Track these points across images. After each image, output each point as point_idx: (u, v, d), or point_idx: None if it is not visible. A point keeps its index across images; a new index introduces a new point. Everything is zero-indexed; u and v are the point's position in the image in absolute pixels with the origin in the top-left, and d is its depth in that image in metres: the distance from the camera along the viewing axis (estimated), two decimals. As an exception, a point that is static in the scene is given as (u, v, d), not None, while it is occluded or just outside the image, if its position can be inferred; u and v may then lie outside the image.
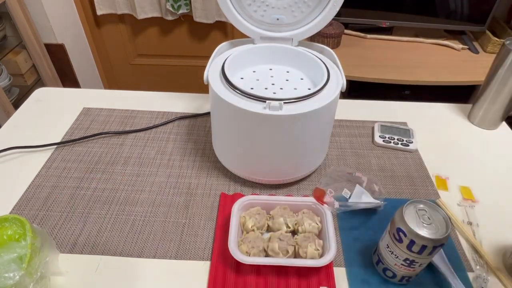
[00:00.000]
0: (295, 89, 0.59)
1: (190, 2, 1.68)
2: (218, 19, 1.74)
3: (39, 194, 0.63)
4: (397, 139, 0.74)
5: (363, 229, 0.58)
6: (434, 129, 0.79)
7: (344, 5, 0.57)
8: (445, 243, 0.44)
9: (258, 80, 0.61)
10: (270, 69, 0.64)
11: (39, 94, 0.87)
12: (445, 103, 0.87)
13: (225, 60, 0.59)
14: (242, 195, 0.61)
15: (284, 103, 0.51)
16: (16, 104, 1.51)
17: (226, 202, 0.61)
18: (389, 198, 0.64)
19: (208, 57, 0.61)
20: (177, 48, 1.96)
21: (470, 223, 0.59)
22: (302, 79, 0.62)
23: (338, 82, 0.58)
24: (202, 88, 0.66)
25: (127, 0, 1.73)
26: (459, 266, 0.53)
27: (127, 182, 0.65)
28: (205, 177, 0.67)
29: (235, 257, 0.49)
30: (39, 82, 1.71)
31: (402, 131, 0.76)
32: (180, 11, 1.71)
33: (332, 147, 0.74)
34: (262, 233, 0.55)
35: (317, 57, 0.62)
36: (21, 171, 0.67)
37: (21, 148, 0.70)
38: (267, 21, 0.62)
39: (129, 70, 2.08)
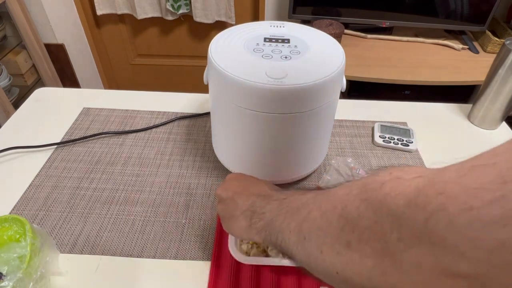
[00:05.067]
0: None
1: (190, 2, 1.68)
2: (218, 19, 1.75)
3: (39, 194, 0.63)
4: (397, 139, 0.74)
5: (363, 229, 0.58)
6: (434, 129, 0.79)
7: (344, 5, 0.56)
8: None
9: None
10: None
11: (39, 94, 0.87)
12: (445, 103, 0.87)
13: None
14: (242, 195, 0.61)
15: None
16: (16, 104, 1.51)
17: (226, 202, 0.61)
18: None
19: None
20: (177, 48, 1.96)
21: (470, 223, 0.59)
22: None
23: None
24: (202, 88, 0.66)
25: (127, 0, 1.73)
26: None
27: (127, 182, 0.65)
28: (205, 177, 0.67)
29: (235, 257, 0.49)
30: (39, 82, 1.71)
31: (402, 131, 0.76)
32: (180, 11, 1.71)
33: (332, 147, 0.74)
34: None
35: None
36: (21, 171, 0.67)
37: (21, 148, 0.70)
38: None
39: (129, 70, 2.09)
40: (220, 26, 1.79)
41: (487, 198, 0.17)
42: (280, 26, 0.63)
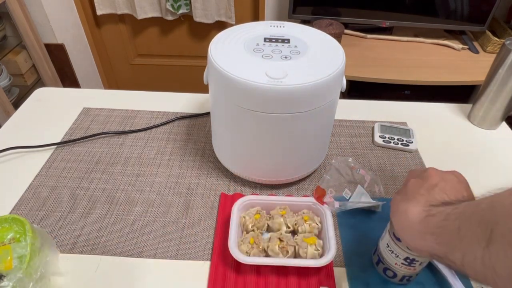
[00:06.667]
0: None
1: (190, 2, 1.68)
2: (218, 19, 1.75)
3: (39, 194, 0.63)
4: (397, 139, 0.74)
5: (363, 229, 0.58)
6: (434, 129, 0.79)
7: (344, 5, 0.56)
8: (445, 243, 0.43)
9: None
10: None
11: (39, 94, 0.87)
12: (445, 103, 0.87)
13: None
14: (242, 195, 0.61)
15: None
16: (16, 104, 1.51)
17: (226, 202, 0.61)
18: (389, 198, 0.64)
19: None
20: (177, 48, 1.96)
21: (470, 223, 0.59)
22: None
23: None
24: (202, 88, 0.66)
25: (127, 0, 1.73)
26: (459, 266, 0.53)
27: (127, 182, 0.65)
28: (205, 177, 0.67)
29: (235, 257, 0.49)
30: (39, 82, 1.71)
31: (402, 131, 0.76)
32: (180, 11, 1.71)
33: (332, 147, 0.74)
34: (262, 233, 0.55)
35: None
36: (21, 171, 0.67)
37: (21, 148, 0.70)
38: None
39: (129, 70, 2.09)
40: (220, 26, 1.79)
41: None
42: (280, 26, 0.63)
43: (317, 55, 0.55)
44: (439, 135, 0.78)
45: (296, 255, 0.52)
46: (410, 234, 0.36)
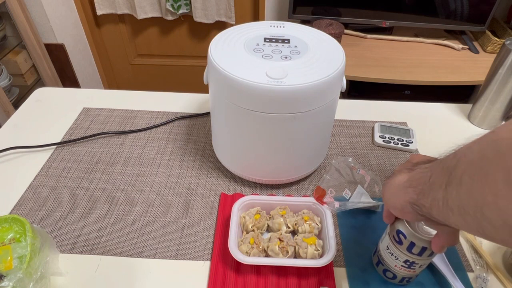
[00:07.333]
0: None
1: (190, 2, 1.68)
2: (218, 19, 1.75)
3: (39, 194, 0.63)
4: (397, 139, 0.74)
5: (363, 230, 0.58)
6: (434, 129, 0.79)
7: (344, 5, 0.56)
8: (445, 243, 0.43)
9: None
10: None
11: (39, 94, 0.87)
12: (445, 103, 0.87)
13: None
14: (242, 195, 0.61)
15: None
16: (16, 104, 1.51)
17: (226, 202, 0.61)
18: (389, 198, 0.64)
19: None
20: (177, 48, 1.96)
21: (470, 223, 0.59)
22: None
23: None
24: (202, 88, 0.66)
25: (127, 0, 1.73)
26: (459, 266, 0.53)
27: (127, 182, 0.65)
28: (205, 177, 0.67)
29: (235, 257, 0.49)
30: (39, 82, 1.71)
31: (402, 131, 0.76)
32: (180, 11, 1.71)
33: (332, 147, 0.74)
34: (262, 233, 0.55)
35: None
36: (21, 171, 0.67)
37: (21, 148, 0.70)
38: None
39: (129, 70, 2.09)
40: (220, 26, 1.79)
41: None
42: (280, 26, 0.63)
43: (317, 55, 0.55)
44: (439, 135, 0.78)
45: (296, 255, 0.52)
46: (396, 197, 0.39)
